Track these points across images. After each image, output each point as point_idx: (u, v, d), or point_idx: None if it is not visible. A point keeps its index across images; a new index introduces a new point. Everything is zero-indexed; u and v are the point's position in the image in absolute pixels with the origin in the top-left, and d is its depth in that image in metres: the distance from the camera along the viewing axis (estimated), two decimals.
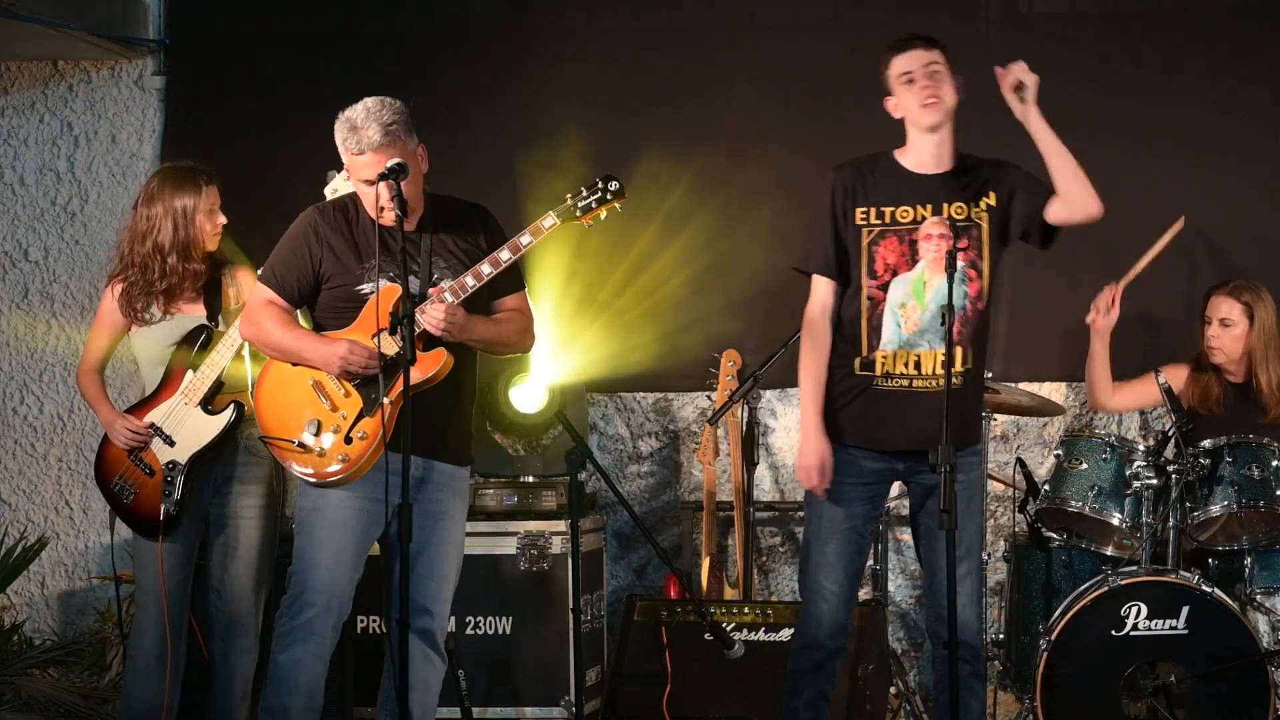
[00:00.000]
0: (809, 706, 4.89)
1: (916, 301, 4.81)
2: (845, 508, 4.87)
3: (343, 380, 4.87)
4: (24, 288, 7.27)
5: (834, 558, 4.86)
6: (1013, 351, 6.59)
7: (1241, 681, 5.47)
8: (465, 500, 5.04)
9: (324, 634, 4.86)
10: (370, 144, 4.78)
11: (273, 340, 4.92)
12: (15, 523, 7.18)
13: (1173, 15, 6.74)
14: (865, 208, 4.86)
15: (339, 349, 4.82)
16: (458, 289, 4.84)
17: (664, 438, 7.01)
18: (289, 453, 4.88)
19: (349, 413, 4.86)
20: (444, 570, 4.93)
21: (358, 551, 4.88)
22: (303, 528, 4.90)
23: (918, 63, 4.83)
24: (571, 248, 6.86)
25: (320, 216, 4.95)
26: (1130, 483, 5.78)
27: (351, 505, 4.86)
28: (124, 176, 7.21)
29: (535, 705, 6.21)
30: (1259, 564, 5.78)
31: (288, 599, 4.87)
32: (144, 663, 5.28)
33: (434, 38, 7.10)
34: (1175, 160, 6.65)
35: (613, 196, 5.00)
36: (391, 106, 4.85)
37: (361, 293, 4.88)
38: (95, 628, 6.68)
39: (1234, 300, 6.03)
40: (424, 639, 4.88)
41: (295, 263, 4.92)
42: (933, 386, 4.77)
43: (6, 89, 7.29)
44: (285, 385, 4.94)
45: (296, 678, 4.84)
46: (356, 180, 4.87)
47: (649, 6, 7.03)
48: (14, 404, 7.27)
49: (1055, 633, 5.57)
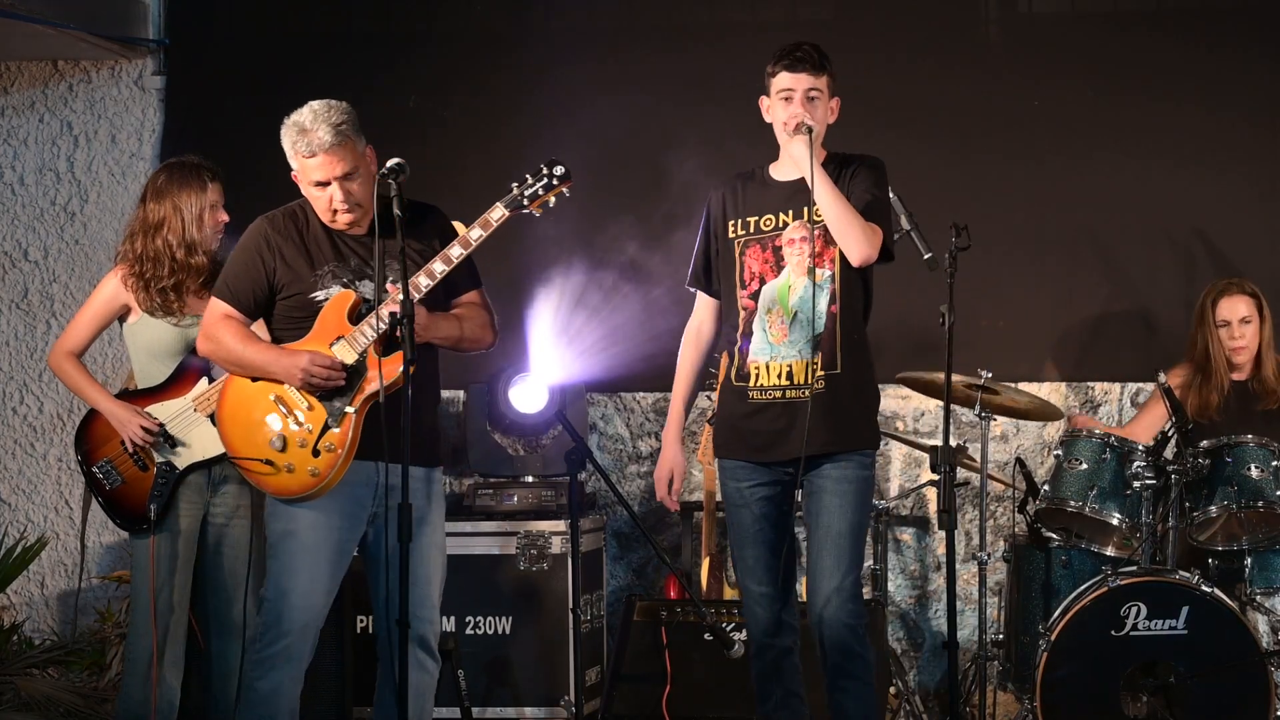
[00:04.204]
0: (781, 707, 4.89)
1: (781, 307, 4.80)
2: (750, 510, 4.88)
3: (305, 392, 4.77)
4: (24, 287, 7.27)
5: (752, 561, 4.89)
6: (1012, 352, 6.58)
7: (1241, 682, 5.45)
8: (442, 501, 4.98)
9: (301, 657, 4.80)
10: (321, 145, 4.71)
11: (232, 354, 4.83)
12: (15, 522, 7.18)
13: (1173, 16, 6.74)
14: (734, 220, 4.91)
15: (300, 361, 4.73)
16: (414, 289, 4.75)
17: None
18: (259, 474, 4.78)
19: (314, 426, 4.76)
20: (429, 574, 4.88)
21: (332, 574, 4.81)
22: (275, 552, 4.80)
23: (800, 85, 4.81)
24: (572, 249, 6.85)
25: (270, 226, 4.86)
26: (1130, 483, 5.78)
27: (323, 526, 4.77)
28: (124, 176, 7.20)
29: (535, 705, 6.21)
30: (1258, 564, 5.77)
31: (262, 626, 4.78)
32: (144, 664, 5.25)
33: (432, 38, 7.09)
34: (1174, 160, 6.65)
35: (559, 182, 4.88)
36: (339, 108, 4.78)
37: (316, 300, 4.80)
38: (95, 627, 6.68)
39: (1246, 296, 6.07)
40: (419, 645, 4.84)
41: (249, 274, 4.83)
42: (805, 395, 4.75)
43: (6, 89, 7.28)
44: (247, 402, 4.84)
45: (278, 704, 4.79)
46: (307, 184, 4.78)
47: (648, 7, 7.02)
48: (14, 404, 7.26)
49: (1055, 633, 5.56)
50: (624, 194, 6.91)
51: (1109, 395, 6.79)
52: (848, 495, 4.76)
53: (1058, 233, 6.71)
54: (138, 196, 7.05)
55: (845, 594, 4.75)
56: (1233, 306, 6.06)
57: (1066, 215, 6.69)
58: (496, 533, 6.30)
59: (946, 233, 4.82)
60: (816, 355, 4.75)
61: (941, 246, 4.83)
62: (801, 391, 4.76)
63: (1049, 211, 6.70)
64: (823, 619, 4.75)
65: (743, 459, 4.88)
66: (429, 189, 4.90)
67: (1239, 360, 6.07)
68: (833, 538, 4.76)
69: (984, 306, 6.37)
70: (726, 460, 4.94)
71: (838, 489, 4.76)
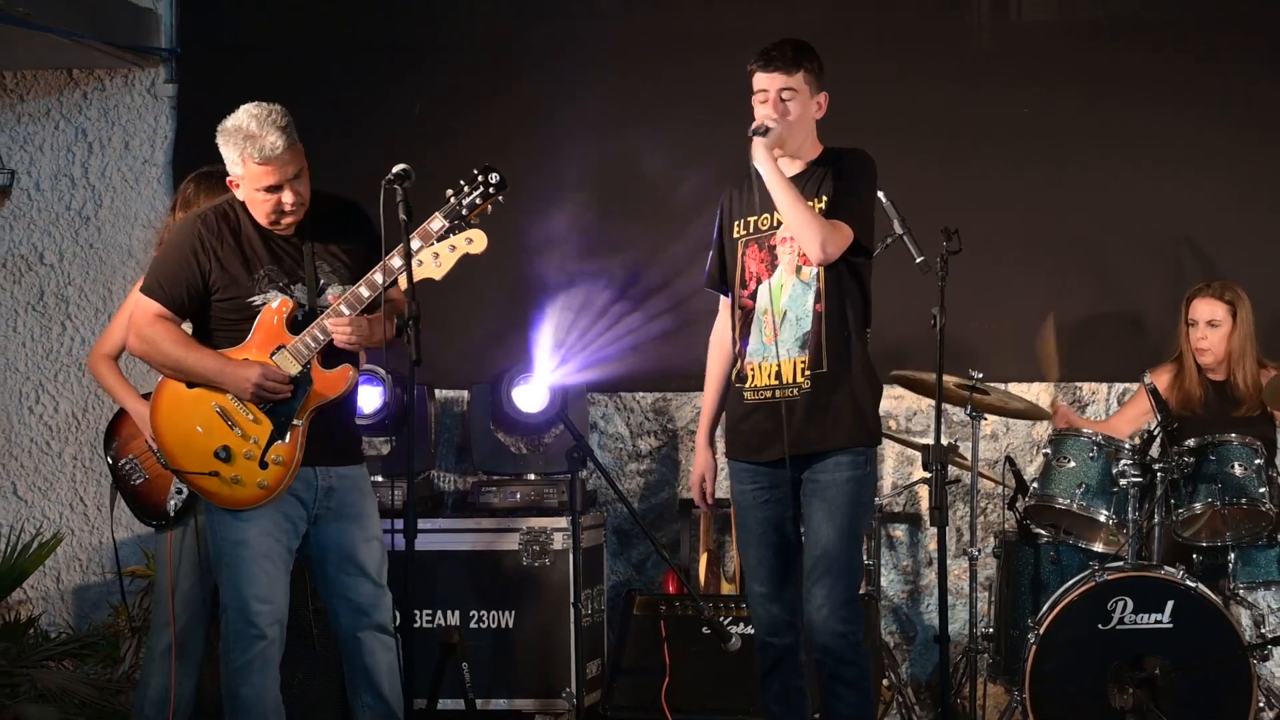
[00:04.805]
0: (778, 700, 4.89)
1: (773, 307, 4.79)
2: (752, 513, 4.88)
3: (249, 404, 4.73)
4: (39, 290, 7.28)
5: (755, 561, 4.88)
6: (1002, 353, 6.60)
7: (1224, 674, 5.47)
8: (373, 497, 4.95)
9: (276, 656, 4.81)
10: (275, 149, 4.63)
11: (171, 358, 4.73)
12: (31, 519, 7.20)
13: (1157, 24, 6.73)
14: (738, 220, 4.91)
15: (251, 374, 4.67)
16: (353, 300, 4.70)
17: (662, 436, 7.03)
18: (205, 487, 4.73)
19: (260, 438, 4.72)
20: (377, 566, 4.88)
21: (286, 577, 4.81)
22: (230, 562, 4.75)
23: (773, 85, 4.80)
24: (574, 254, 6.88)
25: (204, 226, 4.75)
26: (1116, 480, 5.78)
27: (270, 533, 4.75)
28: (136, 182, 7.22)
29: (537, 697, 6.23)
30: (1241, 560, 5.79)
31: (233, 634, 4.75)
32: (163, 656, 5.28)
33: (438, 48, 7.09)
34: (1160, 166, 6.66)
35: (495, 190, 4.75)
36: (278, 110, 4.69)
37: (254, 305, 4.74)
38: (109, 621, 6.70)
39: (1219, 301, 6.07)
40: (378, 630, 4.86)
41: (184, 274, 4.72)
42: (794, 395, 4.74)
43: (23, 96, 7.30)
44: (184, 410, 4.76)
45: (263, 707, 4.80)
46: (254, 189, 4.68)
47: (647, 17, 7.03)
48: (30, 403, 7.28)
49: (1043, 627, 5.57)
50: (624, 200, 6.93)
51: (1096, 395, 6.82)
52: (837, 500, 4.72)
53: (1047, 237, 6.71)
54: (150, 201, 7.19)
55: (835, 602, 4.71)
56: (1202, 308, 6.08)
57: (1055, 220, 6.70)
58: (500, 529, 6.32)
59: (938, 236, 4.86)
60: (804, 354, 4.73)
61: (933, 250, 4.85)
62: (789, 391, 4.75)
63: (1038, 216, 6.71)
64: (814, 626, 4.73)
65: (743, 460, 4.88)
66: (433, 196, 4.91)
67: (1203, 361, 6.09)
68: (822, 545, 4.72)
69: (975, 309, 6.39)
70: (732, 462, 4.93)
71: (827, 494, 4.72)
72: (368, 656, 4.86)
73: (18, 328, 7.30)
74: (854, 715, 4.77)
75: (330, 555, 4.85)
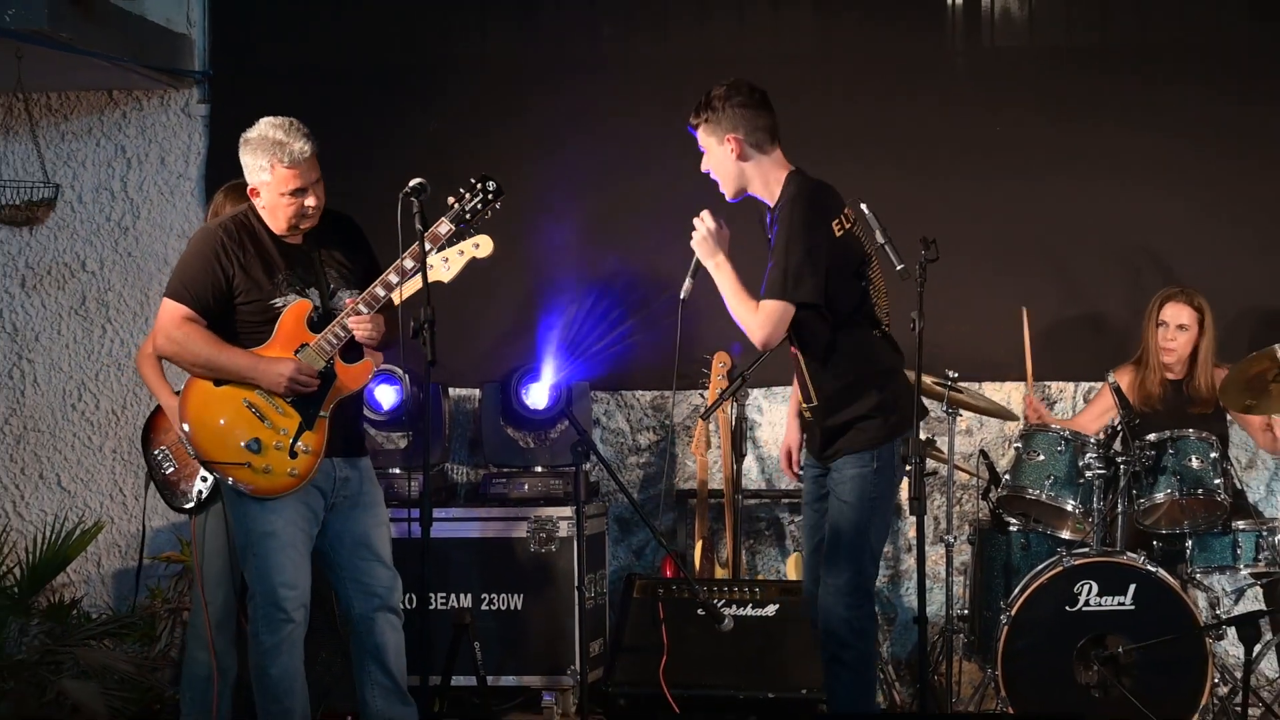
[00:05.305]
0: None
1: None
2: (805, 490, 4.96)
3: (276, 397, 4.74)
4: (82, 295, 7.28)
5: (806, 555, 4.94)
6: (975, 353, 6.58)
7: (1182, 652, 5.48)
8: (379, 485, 5.00)
9: (301, 638, 4.83)
10: (302, 154, 4.68)
11: (202, 357, 4.73)
12: (74, 508, 7.19)
13: (1120, 50, 6.74)
14: None
15: (285, 369, 4.69)
16: (370, 300, 4.73)
17: (661, 432, 7.01)
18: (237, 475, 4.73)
19: (289, 429, 4.73)
20: (388, 551, 4.91)
21: (308, 563, 4.83)
22: (260, 551, 4.76)
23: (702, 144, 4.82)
24: (578, 261, 6.86)
25: (225, 234, 4.77)
26: (1082, 473, 5.79)
27: (295, 523, 4.77)
28: (172, 195, 7.22)
29: (544, 674, 6.22)
30: (1198, 546, 5.79)
31: (263, 618, 4.76)
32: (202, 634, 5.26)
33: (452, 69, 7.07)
34: (1121, 180, 6.65)
35: (493, 197, 4.80)
36: (297, 121, 4.76)
37: (275, 307, 4.75)
38: (146, 603, 6.68)
39: (1189, 307, 6.08)
40: (390, 611, 4.87)
41: (208, 279, 4.73)
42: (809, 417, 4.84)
43: (67, 116, 7.29)
44: (213, 406, 4.76)
45: (292, 684, 4.81)
46: (279, 193, 4.70)
47: (644, 42, 7.01)
48: (72, 400, 7.27)
49: (1014, 608, 5.58)
50: (625, 213, 6.92)
51: (1064, 393, 6.80)
52: (844, 494, 4.74)
53: (1017, 246, 6.71)
54: (184, 212, 7.18)
55: (837, 587, 4.71)
56: (1173, 312, 6.08)
57: (1025, 230, 6.70)
58: (509, 518, 6.31)
59: (917, 246, 4.84)
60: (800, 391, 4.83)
61: (912, 258, 4.83)
62: (808, 414, 4.86)
63: (1009, 227, 6.71)
64: (819, 608, 4.75)
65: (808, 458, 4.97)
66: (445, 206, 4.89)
67: (1167, 360, 6.09)
68: (831, 537, 4.76)
69: (951, 313, 6.37)
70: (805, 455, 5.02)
71: (837, 490, 4.76)
72: (379, 636, 4.85)
73: (61, 331, 7.29)
74: (848, 696, 4.75)
75: (345, 541, 4.85)
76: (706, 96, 4.77)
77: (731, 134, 4.72)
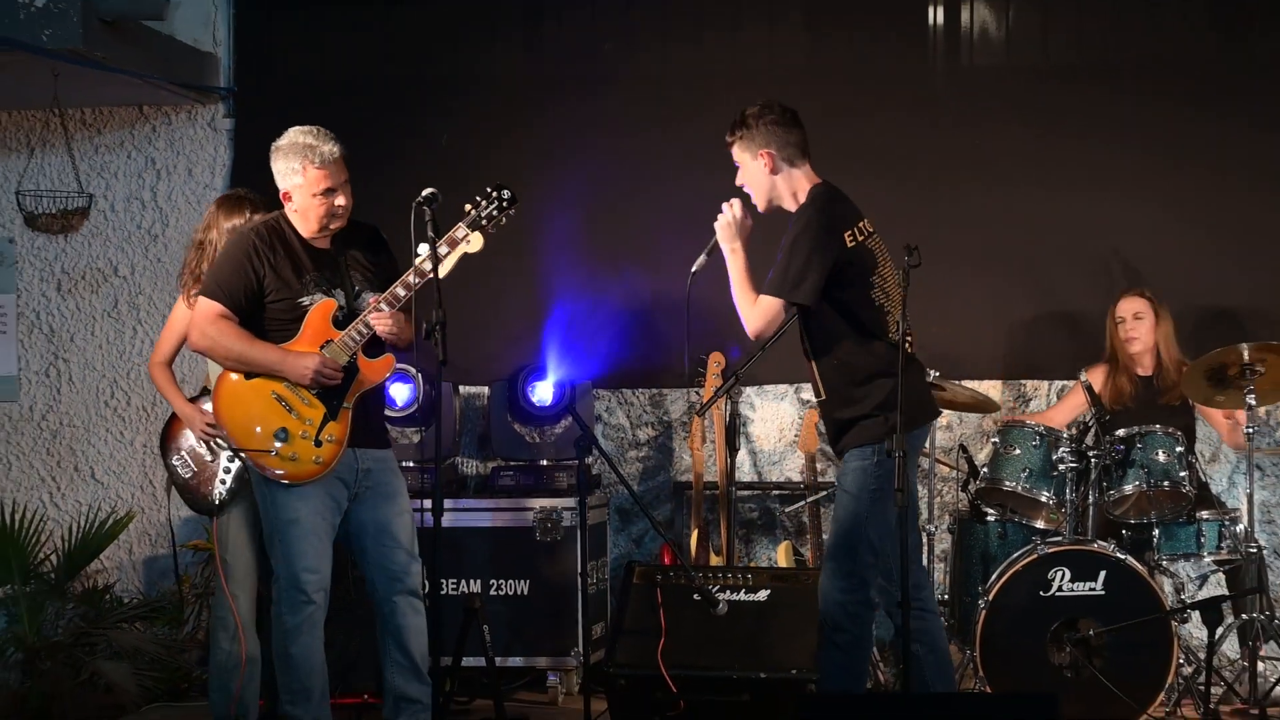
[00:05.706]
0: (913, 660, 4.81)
1: None
2: None
3: (303, 389, 4.74)
4: (114, 299, 7.28)
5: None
6: (955, 353, 6.58)
7: (1149, 635, 5.48)
8: (402, 476, 4.99)
9: (321, 619, 4.83)
10: (332, 155, 4.74)
11: (234, 351, 4.75)
12: (107, 499, 7.19)
13: (1092, 68, 6.73)
14: None
15: (311, 363, 4.70)
16: (391, 299, 4.74)
17: (659, 427, 7.00)
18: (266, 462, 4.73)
19: (314, 419, 4.74)
20: (409, 538, 4.90)
21: (330, 550, 4.84)
22: (284, 538, 4.76)
23: None
24: (581, 266, 6.85)
25: (257, 237, 4.80)
26: (1056, 466, 5.80)
27: (319, 511, 4.77)
28: (199, 204, 7.21)
29: (549, 655, 6.23)
30: (1165, 535, 5.79)
31: (285, 600, 4.77)
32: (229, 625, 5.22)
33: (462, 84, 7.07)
34: (1093, 190, 6.66)
35: (508, 205, 4.82)
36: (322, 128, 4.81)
37: (303, 305, 4.78)
38: (174, 589, 6.69)
39: (1139, 297, 6.15)
40: (411, 594, 4.87)
41: (241, 279, 4.76)
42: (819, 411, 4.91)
43: (100, 130, 7.29)
44: (243, 398, 4.77)
45: (312, 663, 4.81)
46: (311, 193, 4.73)
47: (643, 58, 6.99)
48: (105, 397, 7.27)
49: (992, 594, 5.58)
50: (625, 221, 6.91)
51: (1039, 391, 6.79)
52: (845, 486, 4.75)
53: (995, 252, 6.71)
54: None
55: (831, 572, 4.74)
56: (1127, 305, 6.14)
57: (1003, 237, 6.70)
58: (516, 508, 6.31)
59: (901, 252, 4.83)
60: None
61: (897, 264, 4.83)
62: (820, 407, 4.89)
63: (988, 234, 6.70)
64: (818, 589, 4.78)
65: None
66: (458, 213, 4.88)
67: (1133, 350, 6.10)
68: (833, 525, 4.80)
69: (933, 315, 6.37)
70: None
71: (842, 481, 4.78)
72: (400, 618, 4.84)
73: (95, 332, 7.29)
74: (837, 676, 4.75)
75: (369, 529, 4.85)
76: (741, 115, 4.79)
77: (764, 149, 4.76)
